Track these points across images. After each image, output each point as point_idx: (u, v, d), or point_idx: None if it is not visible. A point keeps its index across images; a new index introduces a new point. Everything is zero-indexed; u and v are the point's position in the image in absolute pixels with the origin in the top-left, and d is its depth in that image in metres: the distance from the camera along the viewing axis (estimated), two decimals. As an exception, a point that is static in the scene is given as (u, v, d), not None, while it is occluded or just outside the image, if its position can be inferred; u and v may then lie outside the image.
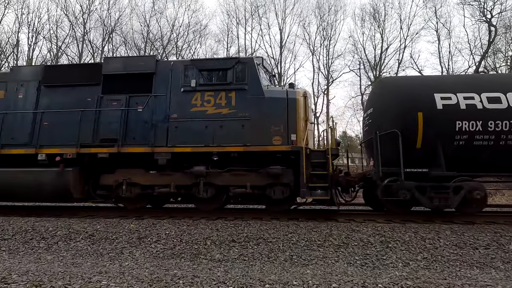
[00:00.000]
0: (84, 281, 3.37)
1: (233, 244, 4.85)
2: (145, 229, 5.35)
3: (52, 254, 4.71)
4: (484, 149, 5.88)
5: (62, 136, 6.68)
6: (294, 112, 6.30)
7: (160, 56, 25.87)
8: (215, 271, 3.90)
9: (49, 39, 27.16)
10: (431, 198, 5.75)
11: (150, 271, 3.84)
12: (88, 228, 5.41)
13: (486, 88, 6.09)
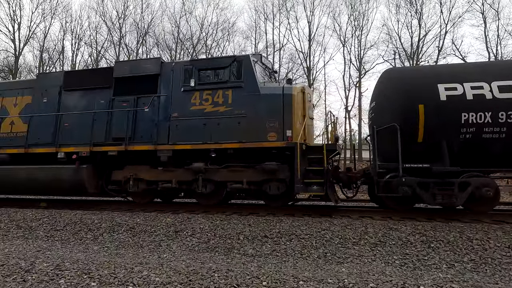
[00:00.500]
0: (127, 271, 3.59)
1: (265, 240, 4.88)
2: (181, 223, 5.56)
3: (98, 245, 5.09)
4: (495, 143, 5.40)
5: (78, 136, 7.19)
6: (290, 108, 6.21)
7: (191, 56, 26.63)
8: (249, 266, 3.95)
9: (90, 44, 29.14)
10: (434, 195, 5.41)
11: (186, 263, 3.99)
12: (129, 221, 5.74)
13: (498, 76, 5.54)
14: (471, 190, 5.32)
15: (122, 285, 3.21)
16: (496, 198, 5.64)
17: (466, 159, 5.59)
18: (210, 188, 6.52)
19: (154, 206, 7.16)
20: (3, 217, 6.33)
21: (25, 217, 6.29)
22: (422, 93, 5.72)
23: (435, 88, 5.65)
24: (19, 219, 6.21)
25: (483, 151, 5.55)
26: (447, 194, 5.39)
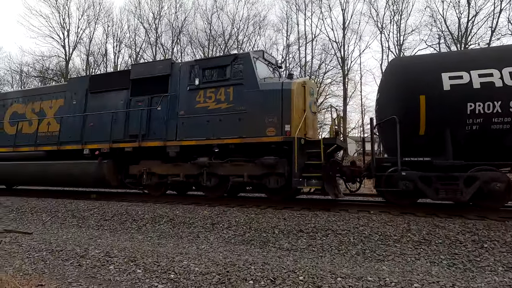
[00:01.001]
0: (169, 260, 3.78)
1: (300, 234, 4.83)
2: (217, 216, 5.72)
3: (142, 235, 5.43)
4: (506, 134, 4.97)
5: (100, 134, 7.79)
6: (288, 102, 6.18)
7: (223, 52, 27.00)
8: (284, 260, 3.94)
9: (129, 46, 30.85)
10: (437, 190, 5.14)
11: (223, 255, 4.10)
12: (169, 213, 6.04)
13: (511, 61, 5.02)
14: (478, 185, 4.98)
15: (164, 273, 3.39)
16: (508, 194, 5.19)
17: (473, 152, 5.22)
18: (215, 182, 6.76)
19: (166, 198, 7.64)
20: (60, 207, 7.02)
21: (78, 207, 6.91)
22: (423, 83, 5.40)
23: (438, 77, 5.32)
24: (74, 209, 6.84)
25: (493, 143, 5.13)
26: (451, 189, 5.09)
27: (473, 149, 5.26)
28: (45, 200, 7.83)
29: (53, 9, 30.31)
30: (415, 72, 5.65)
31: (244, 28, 28.13)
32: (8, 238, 5.00)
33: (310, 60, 26.14)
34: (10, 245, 4.60)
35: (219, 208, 6.12)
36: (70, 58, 30.71)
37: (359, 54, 26.24)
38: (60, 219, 6.50)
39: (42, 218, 6.64)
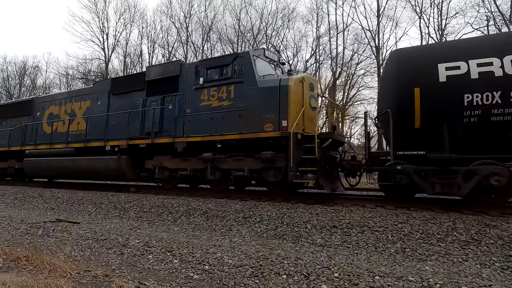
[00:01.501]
0: (203, 251, 3.88)
1: (334, 230, 4.70)
2: (249, 210, 5.76)
3: (177, 226, 5.63)
4: (508, 126, 4.68)
5: (120, 132, 8.37)
6: (286, 99, 6.25)
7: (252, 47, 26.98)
8: (318, 256, 3.86)
9: (162, 46, 31.99)
10: (433, 184, 4.98)
11: (256, 248, 4.11)
12: (202, 206, 6.20)
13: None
14: (477, 180, 4.74)
15: (199, 264, 3.48)
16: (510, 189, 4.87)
17: (473, 145, 4.98)
18: (218, 175, 7.06)
19: (177, 190, 8.12)
20: (104, 200, 7.52)
21: (119, 200, 7.35)
22: (418, 75, 5.26)
23: (434, 68, 5.12)
24: (115, 201, 7.29)
25: (494, 136, 4.86)
26: (447, 184, 4.91)
27: (473, 142, 5.02)
28: (90, 192, 8.45)
29: (94, 14, 32.32)
30: (411, 64, 5.52)
31: (273, 22, 27.82)
32: (60, 226, 5.47)
33: (342, 51, 25.17)
34: (61, 233, 5.02)
35: (251, 202, 6.16)
36: (109, 60, 32.65)
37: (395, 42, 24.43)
38: (104, 210, 6.97)
39: (88, 209, 7.18)
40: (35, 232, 5.08)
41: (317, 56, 25.87)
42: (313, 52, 26.23)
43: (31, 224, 5.65)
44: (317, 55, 26.01)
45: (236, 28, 28.61)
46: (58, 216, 6.53)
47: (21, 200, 8.65)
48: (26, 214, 6.86)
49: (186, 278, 3.09)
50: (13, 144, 11.10)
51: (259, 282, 2.99)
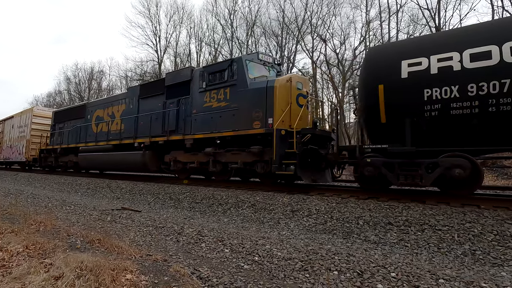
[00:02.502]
0: (252, 243, 3.95)
1: (389, 227, 4.40)
2: (296, 204, 5.70)
3: (227, 217, 5.84)
4: (467, 119, 4.74)
5: (145, 130, 9.74)
6: (271, 98, 6.85)
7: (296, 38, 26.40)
8: (372, 253, 3.66)
9: (209, 44, 33.13)
10: (398, 175, 5.24)
11: (305, 242, 4.06)
12: (250, 199, 6.32)
13: (473, 42, 4.73)
14: (440, 172, 4.90)
15: (249, 255, 3.55)
16: (475, 181, 5.01)
17: (437, 138, 5.13)
18: (219, 167, 7.90)
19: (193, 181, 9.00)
20: (161, 191, 8.14)
21: (174, 191, 7.88)
22: (382, 73, 5.47)
23: (397, 65, 5.28)
24: (171, 192, 7.83)
25: (455, 129, 4.94)
26: (411, 175, 5.16)
27: (436, 135, 5.14)
28: (149, 183, 9.21)
29: (147, 19, 34.79)
30: (377, 61, 5.75)
31: (318, 10, 26.80)
32: (125, 214, 6.07)
33: (395, 35, 23.22)
34: (126, 219, 5.57)
35: (298, 196, 6.09)
36: (161, 61, 34.96)
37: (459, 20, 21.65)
38: (161, 200, 7.54)
39: (147, 199, 7.84)
40: (104, 218, 5.71)
41: (367, 43, 24.26)
42: (363, 39, 24.70)
43: (101, 211, 6.37)
44: (367, 41, 24.40)
45: (280, 20, 28.27)
46: (123, 204, 7.26)
47: (93, 189, 9.81)
48: (97, 202, 7.76)
49: (237, 267, 3.18)
50: (71, 142, 13.41)
51: (309, 276, 2.94)
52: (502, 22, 5.70)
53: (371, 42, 24.24)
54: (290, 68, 28.61)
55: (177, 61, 34.87)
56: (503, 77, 4.40)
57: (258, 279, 2.83)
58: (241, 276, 2.91)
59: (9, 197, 8.49)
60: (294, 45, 28.38)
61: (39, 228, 4.48)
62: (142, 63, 36.15)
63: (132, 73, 37.59)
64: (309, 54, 27.22)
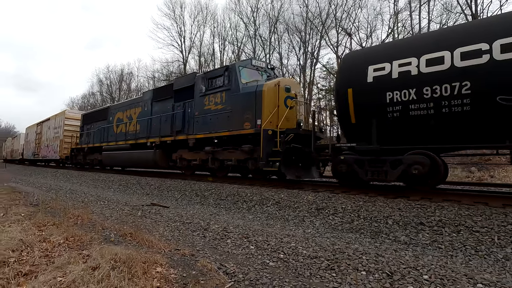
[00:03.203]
0: (277, 240, 3.95)
1: (421, 227, 4.21)
2: (322, 201, 5.61)
3: (252, 214, 5.88)
4: (425, 120, 5.04)
5: (156, 131, 10.67)
6: (260, 101, 7.41)
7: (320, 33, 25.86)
8: (402, 254, 3.52)
9: (232, 42, 33.40)
10: (366, 172, 5.65)
11: (331, 241, 3.99)
12: (275, 196, 6.31)
13: (430, 48, 5.03)
14: (403, 168, 5.26)
15: (274, 252, 3.56)
16: (436, 177, 5.38)
17: (400, 137, 5.54)
18: (217, 164, 8.62)
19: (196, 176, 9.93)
20: (187, 187, 8.37)
21: (200, 188, 8.07)
22: (351, 77, 5.90)
23: (364, 70, 5.67)
24: (197, 189, 8.03)
25: (414, 128, 5.31)
26: (377, 171, 5.56)
27: (399, 134, 5.51)
28: (176, 180, 9.51)
29: (172, 20, 35.77)
30: (348, 66, 6.19)
31: (343, 4, 26.04)
32: (154, 209, 6.32)
33: (427, 25, 22.00)
34: (155, 215, 5.80)
35: (324, 194, 5.99)
36: (186, 61, 35.82)
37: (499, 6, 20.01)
38: (188, 197, 7.75)
39: (175, 195, 8.10)
40: (135, 213, 5.98)
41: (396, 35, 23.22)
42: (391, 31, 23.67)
43: (132, 206, 6.68)
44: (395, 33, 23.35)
45: (303, 16, 27.85)
46: (152, 200, 7.56)
47: (124, 186, 10.30)
48: (128, 198, 8.14)
49: (263, 264, 3.19)
50: (96, 142, 14.89)
51: (336, 276, 2.89)
52: (454, 29, 6.13)
53: (399, 33, 23.18)
54: (314, 64, 28.15)
55: (201, 60, 35.55)
56: (453, 80, 4.71)
57: (284, 277, 2.83)
58: (267, 273, 2.92)
59: (51, 193, 9.15)
60: (318, 40, 27.88)
61: (77, 222, 4.79)
62: (168, 63, 37.27)
63: (159, 74, 38.88)
64: (333, 49, 26.60)
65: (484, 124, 4.66)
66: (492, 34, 4.50)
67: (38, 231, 4.08)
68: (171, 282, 2.56)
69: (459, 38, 4.86)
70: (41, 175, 17.43)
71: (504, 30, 4.44)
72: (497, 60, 4.36)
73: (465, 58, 4.65)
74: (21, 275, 2.67)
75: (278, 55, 30.55)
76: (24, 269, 2.78)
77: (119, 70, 49.15)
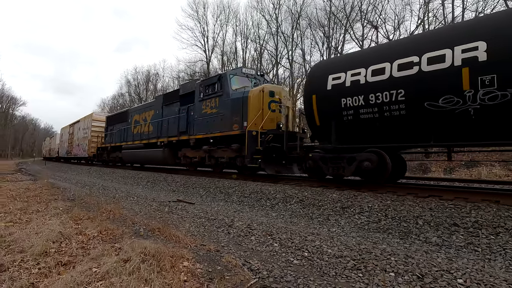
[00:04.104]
0: (301, 238, 3.92)
1: (455, 229, 3.99)
2: (347, 200, 5.49)
3: (275, 212, 5.88)
4: (373, 122, 5.78)
5: (165, 132, 12.24)
6: (246, 105, 8.49)
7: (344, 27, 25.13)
8: (434, 256, 3.35)
9: (254, 40, 33.42)
10: (329, 167, 6.47)
11: (357, 241, 3.89)
12: (298, 194, 6.26)
13: (375, 60, 5.80)
14: (356, 164, 5.95)
15: (298, 250, 3.54)
16: (383, 172, 5.92)
17: (354, 137, 6.24)
18: (214, 161, 9.85)
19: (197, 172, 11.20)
20: (211, 185, 8.53)
21: (224, 185, 8.19)
22: (315, 85, 6.66)
23: (325, 79, 6.39)
24: (221, 186, 8.16)
25: (365, 130, 5.98)
26: (336, 167, 6.32)
27: (353, 135, 6.24)
28: (200, 178, 9.72)
29: (196, 21, 36.45)
30: (314, 75, 6.98)
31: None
32: (180, 205, 6.51)
33: (461, 14, 20.64)
34: (181, 211, 5.97)
35: (349, 192, 5.85)
36: (210, 60, 36.38)
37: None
38: (212, 194, 7.91)
39: (200, 192, 8.28)
40: (163, 209, 6.20)
41: (426, 25, 22.04)
42: (420, 21, 22.50)
43: (160, 202, 6.93)
44: (426, 24, 22.16)
45: (327, 10, 27.23)
46: (178, 197, 7.79)
47: (152, 183, 10.71)
48: (156, 194, 8.46)
49: (287, 262, 3.19)
50: (117, 141, 16.96)
51: (362, 276, 2.81)
52: (396, 43, 7.00)
53: (430, 24, 21.96)
54: (338, 59, 27.38)
55: (224, 59, 35.92)
56: (391, 88, 5.39)
57: (309, 275, 2.81)
58: (291, 270, 2.91)
59: (85, 188, 9.72)
60: (342, 34, 27.15)
61: (109, 216, 5.05)
62: (191, 63, 38.06)
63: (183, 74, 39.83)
64: (358, 42, 25.77)
65: (417, 126, 5.34)
66: (422, 48, 5.17)
67: (75, 224, 4.36)
68: (197, 277, 2.63)
69: (397, 52, 5.57)
70: (76, 172, 18.58)
71: (431, 44, 5.09)
72: (424, 71, 5.02)
73: (401, 69, 5.33)
74: (61, 265, 2.87)
75: (300, 52, 30.17)
76: (63, 259, 2.98)
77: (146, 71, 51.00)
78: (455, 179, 8.91)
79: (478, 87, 4.46)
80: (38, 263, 2.90)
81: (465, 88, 4.58)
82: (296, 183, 7.38)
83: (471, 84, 4.52)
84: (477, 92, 4.49)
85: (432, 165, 14.59)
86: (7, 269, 2.77)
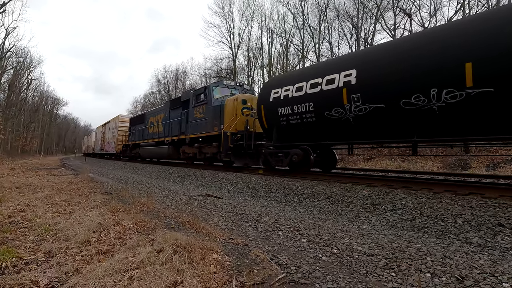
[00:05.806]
0: (330, 235, 3.85)
1: (500, 229, 3.69)
2: (378, 197, 5.29)
3: (303, 208, 5.82)
4: (298, 126, 7.68)
5: (169, 132, 14.83)
6: (223, 112, 10.69)
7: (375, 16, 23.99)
8: (475, 258, 3.13)
9: (280, 35, 33.06)
10: (273, 160, 8.61)
11: (389, 239, 3.75)
12: (327, 190, 6.14)
13: (297, 80, 7.73)
14: (290, 157, 7.94)
15: (327, 246, 3.48)
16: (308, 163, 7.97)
17: (288, 138, 8.23)
18: (202, 156, 12.38)
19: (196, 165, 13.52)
20: (239, 180, 8.64)
21: (251, 180, 8.26)
22: (263, 97, 8.74)
23: (269, 93, 8.47)
24: (248, 182, 8.23)
25: (294, 132, 7.96)
26: (277, 160, 8.46)
27: (288, 136, 8.22)
28: (228, 173, 9.88)
29: (222, 18, 36.84)
30: (263, 89, 9.02)
31: (402, -19, 23.68)
32: (209, 200, 6.68)
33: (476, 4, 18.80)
34: (210, 205, 6.12)
35: (380, 189, 5.63)
36: (236, 57, 36.63)
37: None
38: (239, 189, 8.01)
39: (227, 187, 8.43)
40: (192, 203, 6.40)
41: (467, 10, 20.40)
42: (461, 6, 20.87)
43: (189, 196, 7.16)
44: (466, 8, 20.51)
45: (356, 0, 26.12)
46: (207, 191, 7.99)
47: (182, 177, 11.08)
48: (185, 189, 8.74)
49: (315, 258, 3.15)
50: (137, 140, 20.24)
51: (395, 276, 2.70)
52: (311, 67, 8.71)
53: (471, 8, 20.30)
54: (367, 51, 26.26)
55: (250, 55, 35.97)
56: (306, 101, 7.29)
57: (338, 272, 2.75)
58: (319, 267, 2.87)
59: (121, 183, 10.30)
60: (372, 24, 25.98)
61: (143, 209, 5.31)
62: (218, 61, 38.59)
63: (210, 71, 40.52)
64: (390, 32, 24.51)
65: (322, 129, 7.21)
66: (324, 72, 7.01)
67: (112, 215, 4.64)
68: (226, 269, 2.69)
69: (311, 74, 7.38)
70: (112, 167, 19.74)
71: (329, 70, 6.93)
72: (324, 90, 6.85)
73: (311, 87, 7.18)
74: (101, 253, 3.08)
75: (328, 44, 29.36)
76: (103, 248, 3.19)
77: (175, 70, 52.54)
78: (499, 176, 8.24)
79: (352, 102, 6.26)
80: (81, 250, 3.14)
81: (345, 103, 6.40)
82: (324, 179, 7.25)
83: (348, 100, 6.34)
84: (351, 106, 6.28)
85: (472, 161, 13.60)
86: (55, 255, 3.02)
